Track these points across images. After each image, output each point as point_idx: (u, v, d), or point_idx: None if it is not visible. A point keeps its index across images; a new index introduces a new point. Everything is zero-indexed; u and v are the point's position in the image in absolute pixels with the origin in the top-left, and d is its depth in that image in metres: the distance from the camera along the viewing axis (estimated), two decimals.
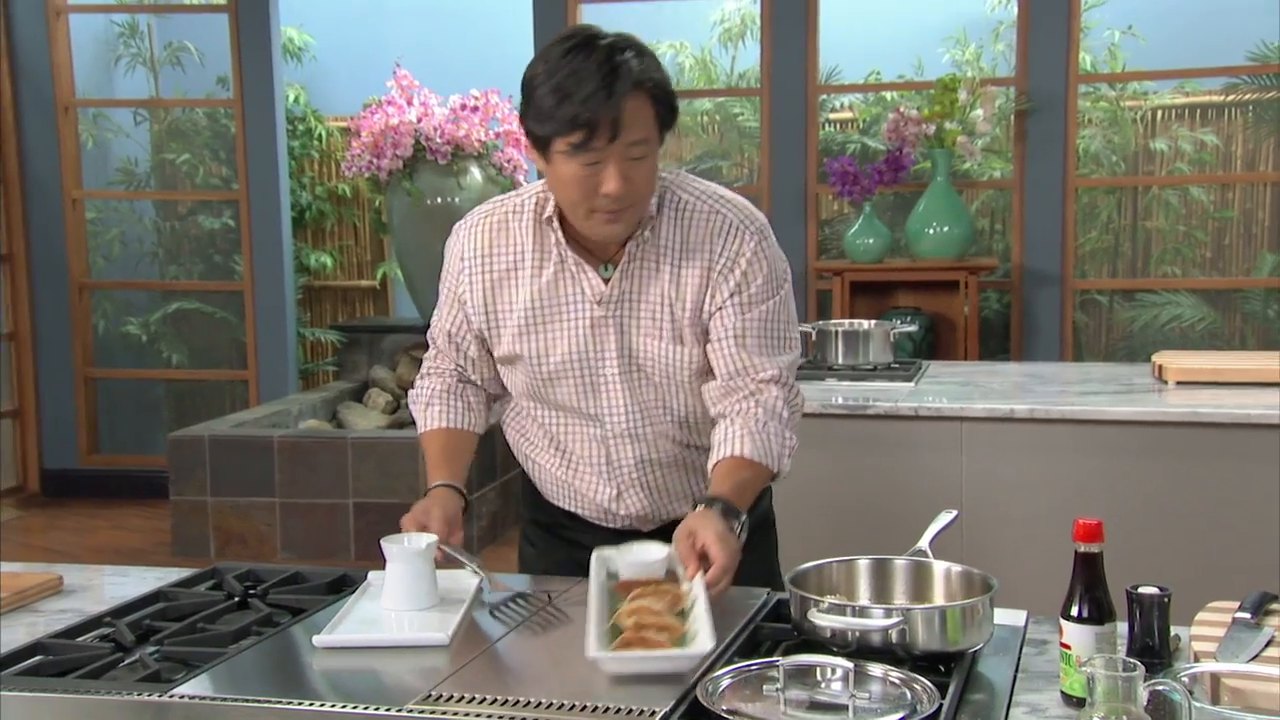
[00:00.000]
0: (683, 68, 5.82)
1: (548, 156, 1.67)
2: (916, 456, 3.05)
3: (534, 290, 1.78)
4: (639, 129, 1.63)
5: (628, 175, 1.64)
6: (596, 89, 1.59)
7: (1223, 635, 1.43)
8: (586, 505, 1.89)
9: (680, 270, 1.75)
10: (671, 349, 1.77)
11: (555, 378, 1.79)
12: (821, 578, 1.54)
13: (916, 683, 1.30)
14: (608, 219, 1.68)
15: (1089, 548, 1.36)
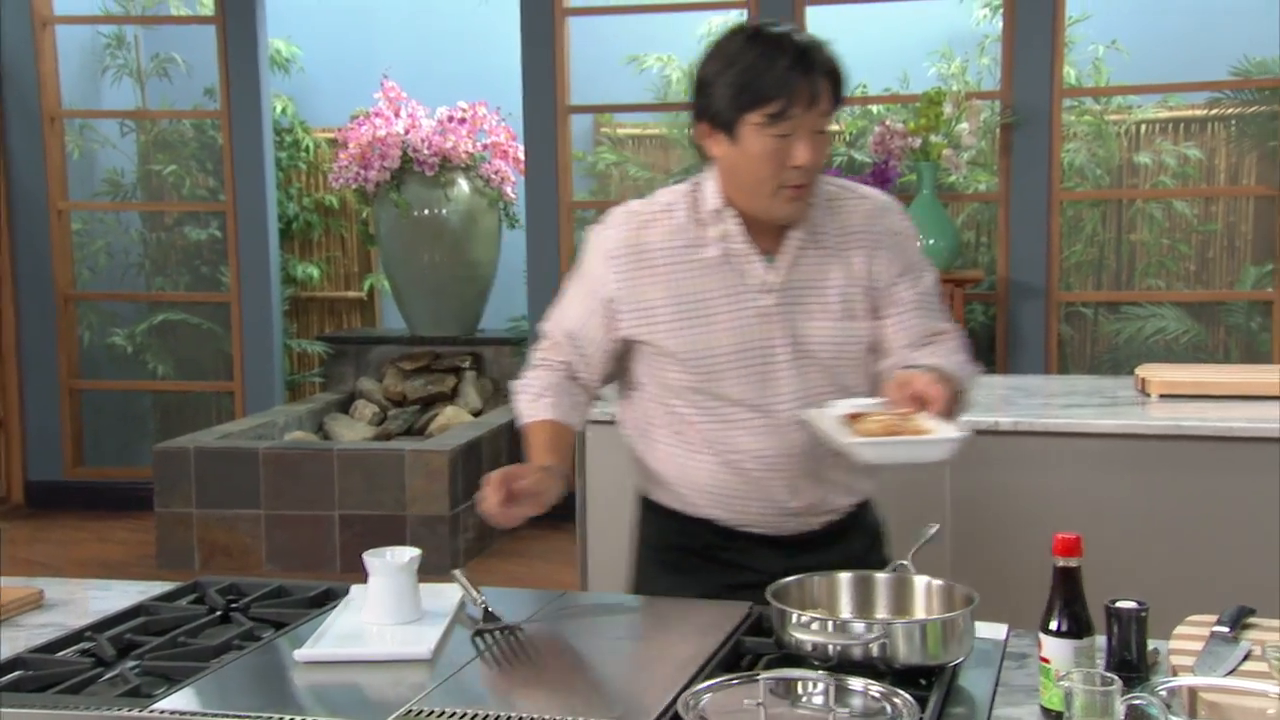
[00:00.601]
0: (670, 80, 5.84)
1: (735, 136, 1.71)
2: (901, 470, 3.05)
3: (695, 283, 1.79)
4: (827, 101, 1.72)
5: (815, 146, 1.71)
6: (793, 62, 1.68)
7: (1201, 649, 1.44)
8: (755, 508, 1.85)
9: (846, 253, 1.83)
10: (844, 327, 1.81)
11: (724, 369, 1.79)
12: (803, 591, 1.55)
13: (897, 696, 1.30)
14: (793, 195, 1.73)
15: (1067, 562, 1.37)
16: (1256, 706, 1.23)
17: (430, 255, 5.92)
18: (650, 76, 5.84)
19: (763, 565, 1.79)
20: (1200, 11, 5.25)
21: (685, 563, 1.92)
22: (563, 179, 5.44)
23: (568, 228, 5.48)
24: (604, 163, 5.99)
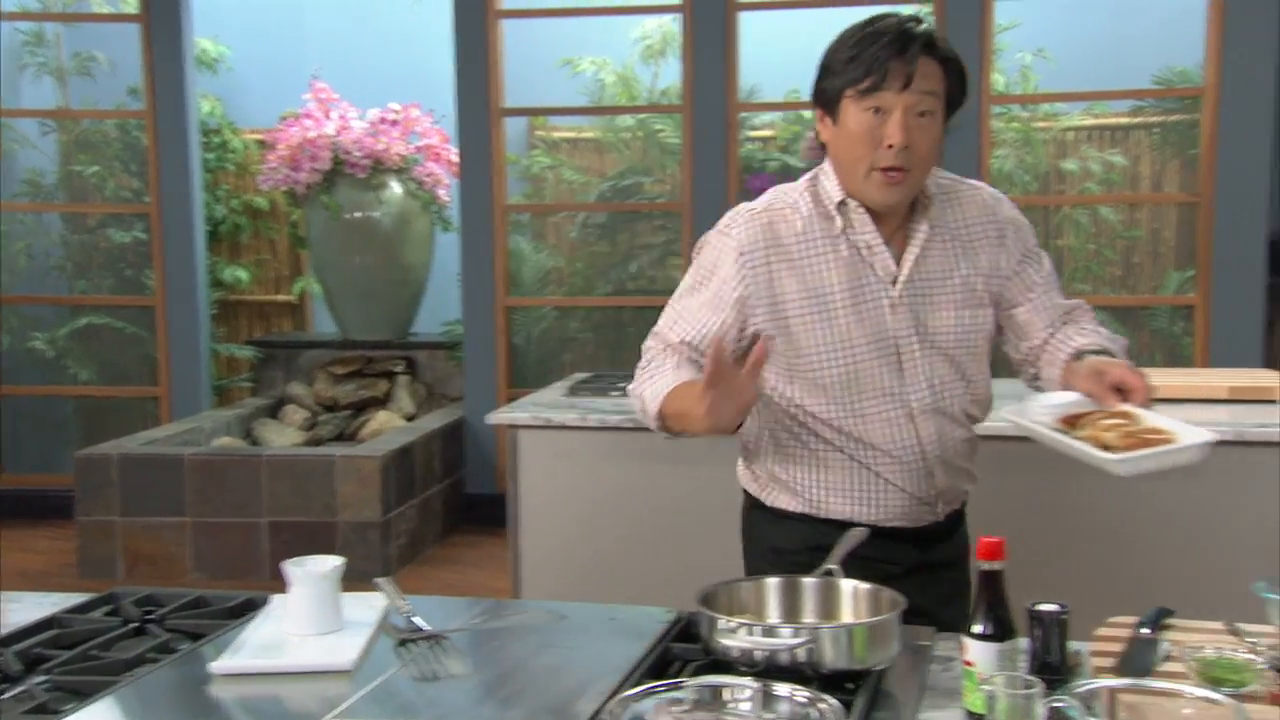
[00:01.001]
0: (604, 84, 5.82)
1: (837, 114, 1.75)
2: None
3: (833, 276, 1.79)
4: (930, 83, 1.72)
5: (912, 134, 1.71)
6: (894, 41, 1.70)
7: (1121, 650, 1.46)
8: (895, 500, 1.84)
9: (971, 244, 1.85)
10: (968, 316, 1.84)
11: (862, 360, 1.79)
12: (731, 597, 1.54)
13: (823, 701, 1.29)
14: (887, 179, 1.73)
15: (990, 565, 1.37)
16: (1174, 707, 1.24)
17: (362, 258, 5.84)
18: (584, 80, 5.82)
19: (899, 559, 1.82)
20: (1124, 21, 5.35)
21: (819, 563, 1.87)
22: (497, 182, 5.40)
23: (502, 231, 5.44)
24: (539, 166, 5.96)
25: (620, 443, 3.21)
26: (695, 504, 3.15)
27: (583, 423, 3.21)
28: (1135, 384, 1.66)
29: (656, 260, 5.82)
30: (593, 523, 3.24)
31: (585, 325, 5.93)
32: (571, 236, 5.94)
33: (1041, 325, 1.89)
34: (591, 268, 5.88)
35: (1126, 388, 1.66)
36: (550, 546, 3.27)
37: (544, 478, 3.27)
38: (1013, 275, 1.88)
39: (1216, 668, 1.34)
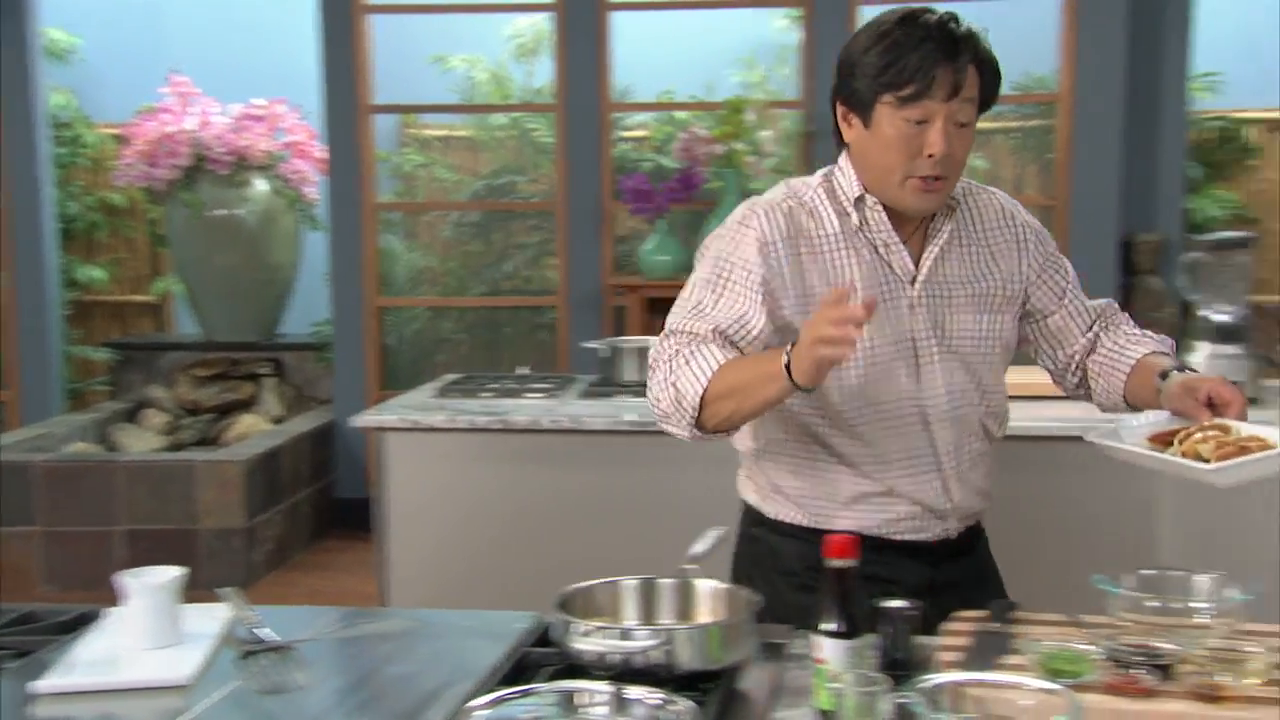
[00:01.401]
0: (476, 82, 5.76)
1: (869, 119, 1.66)
2: (703, 472, 3.08)
3: (856, 272, 1.73)
4: (971, 91, 1.65)
5: (951, 139, 1.64)
6: (940, 45, 1.62)
7: (967, 645, 1.48)
8: (907, 510, 1.77)
9: (985, 247, 1.80)
10: (987, 320, 1.79)
11: (885, 362, 1.73)
12: (588, 600, 1.52)
13: (676, 704, 1.29)
14: (923, 187, 1.67)
15: (841, 563, 1.38)
16: (1015, 699, 1.26)
17: (225, 257, 5.67)
18: (456, 77, 5.75)
19: (907, 578, 1.72)
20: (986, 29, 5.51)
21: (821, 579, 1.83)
22: (366, 180, 5.30)
23: (371, 229, 5.34)
24: (410, 164, 5.87)
25: (490, 445, 3.17)
26: (568, 506, 3.13)
27: (452, 424, 3.16)
28: (1229, 396, 1.62)
29: (531, 260, 5.78)
30: (463, 526, 3.19)
31: (459, 326, 5.86)
32: (445, 236, 5.87)
33: (1079, 331, 1.86)
34: (465, 267, 5.82)
35: (1220, 401, 1.62)
36: (420, 551, 3.22)
37: (412, 481, 3.22)
38: (1038, 282, 1.84)
39: (1056, 659, 1.38)
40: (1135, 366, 1.80)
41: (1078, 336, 1.87)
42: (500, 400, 3.36)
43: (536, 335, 5.72)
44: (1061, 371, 1.90)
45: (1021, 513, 2.88)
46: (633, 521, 3.06)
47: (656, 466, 3.10)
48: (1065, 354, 1.88)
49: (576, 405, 3.28)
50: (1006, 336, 1.83)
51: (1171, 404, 1.67)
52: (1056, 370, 1.91)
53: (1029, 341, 1.90)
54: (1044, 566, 2.81)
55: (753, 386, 1.62)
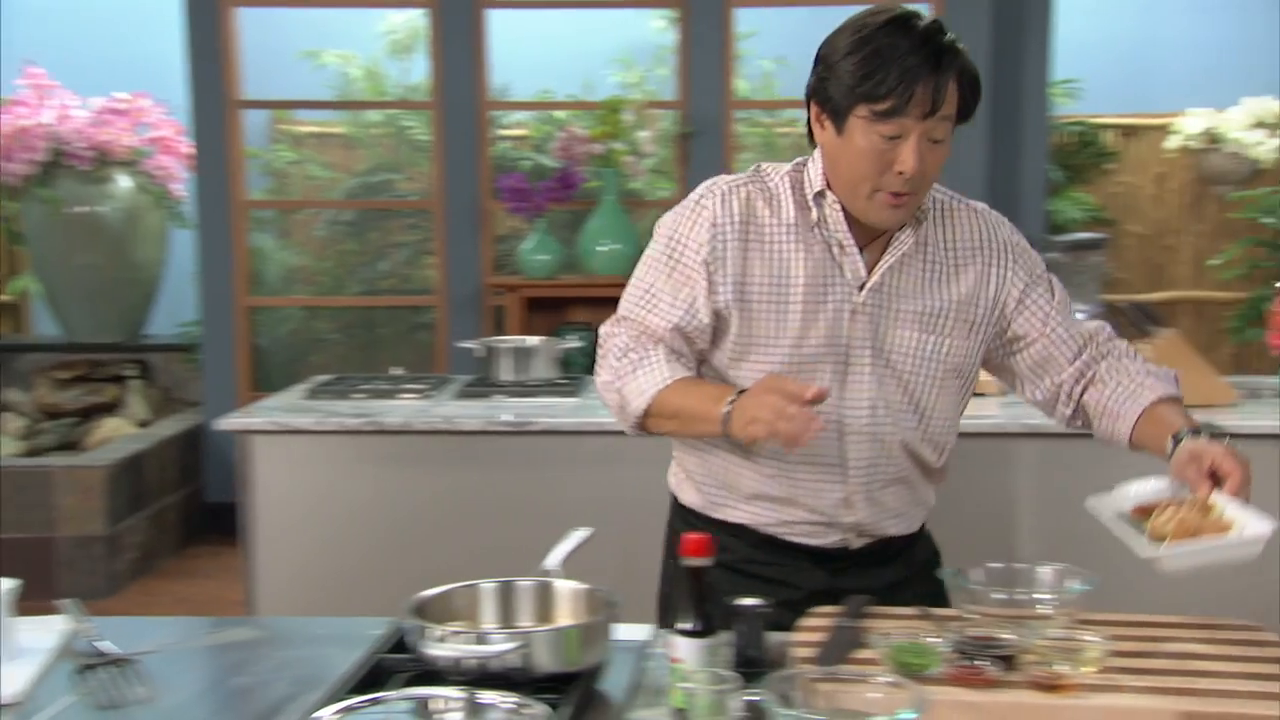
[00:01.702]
0: (351, 78, 5.66)
1: (842, 127, 1.60)
2: (580, 471, 3.08)
3: (801, 268, 1.68)
4: (949, 108, 1.59)
5: (924, 156, 1.59)
6: (924, 60, 1.55)
7: (821, 640, 1.51)
8: (803, 515, 1.75)
9: (950, 265, 1.73)
10: (929, 341, 1.72)
11: (809, 364, 1.69)
12: (445, 604, 1.51)
13: (530, 707, 1.28)
14: (891, 202, 1.62)
15: (696, 562, 1.39)
16: (862, 693, 1.29)
17: (87, 256, 5.46)
18: (329, 73, 5.64)
19: (803, 582, 1.73)
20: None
21: (724, 579, 1.76)
22: (235, 177, 5.16)
23: (241, 228, 5.20)
24: (282, 161, 5.74)
25: (362, 447, 3.12)
26: (442, 509, 3.10)
27: (321, 427, 3.10)
28: (1228, 469, 1.53)
29: (409, 259, 5.71)
30: (334, 531, 3.14)
31: (335, 326, 5.75)
32: (319, 234, 5.75)
33: (1065, 358, 1.76)
34: (340, 266, 5.71)
35: (1221, 473, 1.53)
36: (289, 557, 3.15)
37: (281, 485, 3.15)
38: (1019, 308, 1.75)
39: (904, 653, 1.41)
40: (1145, 414, 1.69)
41: (1064, 365, 1.76)
42: (373, 402, 3.31)
43: (415, 335, 5.64)
44: (1050, 402, 1.79)
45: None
46: (509, 523, 3.03)
47: (532, 467, 3.09)
48: (1052, 382, 1.78)
49: (450, 406, 3.25)
50: (956, 361, 1.75)
51: (1178, 471, 1.58)
52: (1045, 402, 1.80)
53: (1013, 374, 1.81)
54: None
55: (692, 418, 1.63)
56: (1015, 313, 1.76)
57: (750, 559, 1.78)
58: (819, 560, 1.78)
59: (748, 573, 1.77)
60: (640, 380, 1.66)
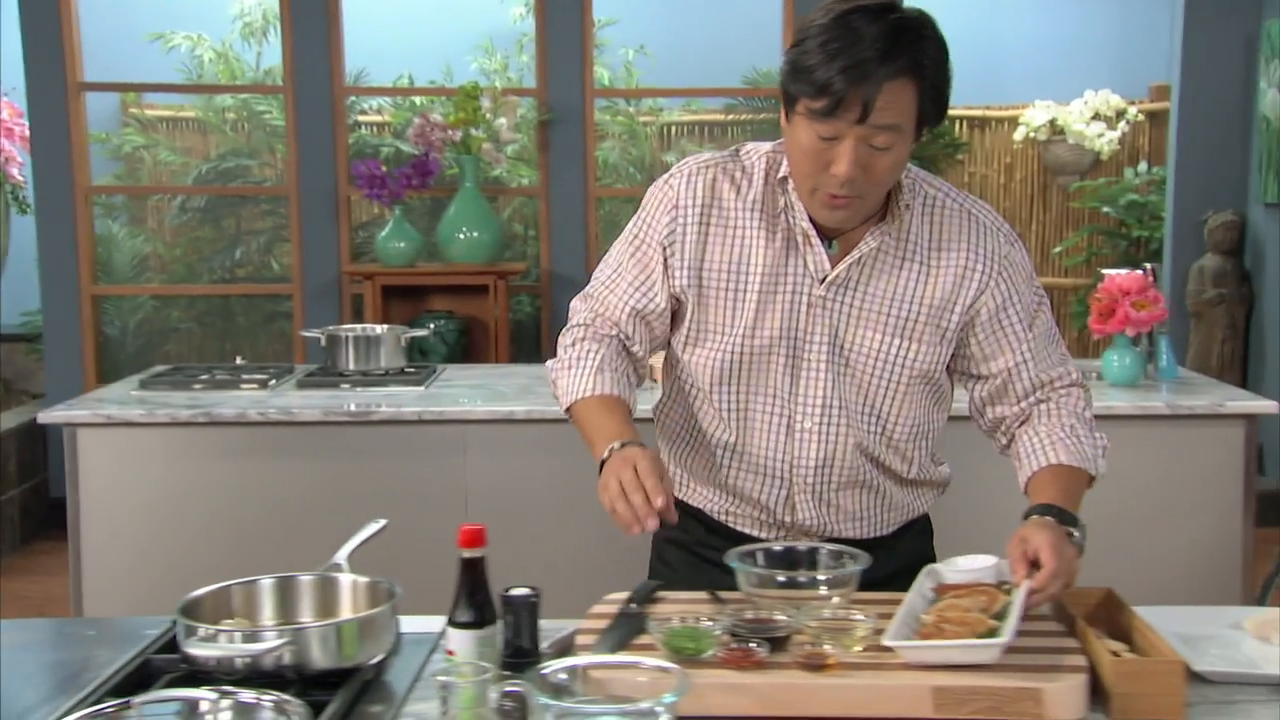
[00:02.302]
0: (202, 61, 5.52)
1: (790, 118, 1.55)
2: (423, 461, 3.06)
3: (761, 255, 1.63)
4: (892, 115, 1.48)
5: (865, 163, 1.51)
6: (861, 61, 1.45)
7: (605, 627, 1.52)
8: (748, 509, 1.73)
9: (928, 266, 1.64)
10: (894, 344, 1.64)
11: (761, 354, 1.65)
12: (221, 601, 1.49)
13: (290, 704, 1.27)
14: (829, 202, 1.56)
15: (471, 553, 1.40)
16: (632, 678, 1.31)
17: None
18: (180, 56, 5.49)
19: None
20: (717, 24, 5.69)
21: (678, 558, 1.79)
22: (78, 162, 4.98)
23: (85, 214, 5.03)
24: (131, 145, 5.57)
25: (195, 439, 3.05)
26: (278, 502, 3.04)
27: (150, 419, 3.03)
28: (1045, 561, 1.46)
29: (265, 246, 5.60)
30: (165, 527, 3.06)
31: (189, 315, 5.61)
32: (174, 222, 5.61)
33: (1017, 395, 1.68)
34: (194, 254, 5.58)
35: (1040, 563, 1.47)
36: (118, 554, 3.07)
37: (108, 480, 3.06)
38: (989, 324, 1.66)
39: (677, 637, 1.43)
40: (1037, 474, 1.64)
41: (1014, 400, 1.69)
42: (210, 393, 3.24)
43: (274, 324, 5.54)
44: (990, 430, 1.75)
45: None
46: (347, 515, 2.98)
47: (373, 458, 3.06)
48: (996, 415, 1.72)
49: (290, 396, 3.20)
50: (924, 368, 1.67)
51: (1008, 549, 1.52)
52: (986, 429, 1.75)
53: (965, 385, 1.74)
54: None
55: (588, 442, 1.63)
56: (983, 330, 1.67)
57: (704, 543, 1.78)
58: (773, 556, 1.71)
59: (703, 556, 1.77)
60: (568, 380, 1.68)
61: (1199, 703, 1.41)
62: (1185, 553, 3.02)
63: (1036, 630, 1.51)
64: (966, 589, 1.55)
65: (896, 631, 1.43)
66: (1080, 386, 1.71)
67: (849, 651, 1.43)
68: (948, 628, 1.43)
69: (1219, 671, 1.47)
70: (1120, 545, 3.04)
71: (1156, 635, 1.47)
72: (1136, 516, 3.03)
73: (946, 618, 1.45)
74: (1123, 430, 3.00)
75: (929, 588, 1.58)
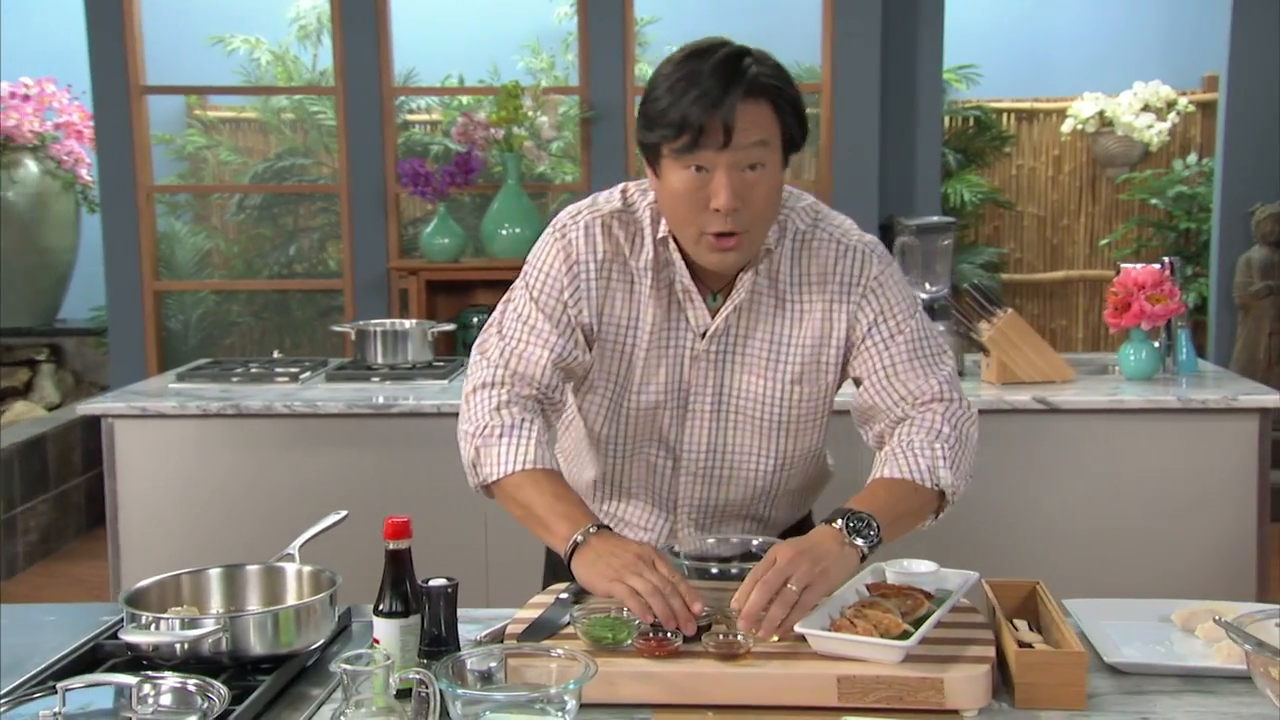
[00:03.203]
0: (260, 63, 5.69)
1: (658, 169, 1.56)
2: (442, 453, 3.12)
3: (649, 312, 1.65)
4: (756, 133, 1.52)
5: (740, 191, 1.52)
6: (709, 89, 1.49)
7: (534, 618, 1.58)
8: (630, 531, 1.79)
9: (801, 305, 1.66)
10: (778, 388, 1.67)
11: (649, 408, 1.68)
12: (169, 590, 1.57)
13: (212, 689, 1.34)
14: (717, 244, 1.56)
15: (396, 544, 1.46)
16: (547, 666, 1.36)
17: None
18: (240, 59, 5.67)
19: None
20: (757, 20, 5.68)
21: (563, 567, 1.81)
22: (140, 162, 5.19)
23: (147, 213, 5.24)
24: (193, 145, 5.77)
25: (223, 431, 3.17)
26: (303, 491, 3.14)
27: (182, 411, 3.15)
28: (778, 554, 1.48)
29: (319, 243, 5.76)
30: (195, 514, 3.20)
31: (248, 309, 5.80)
32: (237, 219, 5.80)
33: (881, 409, 1.68)
34: (252, 250, 5.76)
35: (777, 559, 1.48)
36: (153, 540, 3.21)
37: (143, 469, 3.20)
38: (860, 343, 1.67)
39: (597, 627, 1.48)
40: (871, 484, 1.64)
41: (881, 418, 1.70)
42: (243, 386, 3.36)
43: (328, 318, 5.70)
44: (876, 445, 1.74)
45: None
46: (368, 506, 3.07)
47: (395, 449, 3.14)
48: (874, 431, 1.72)
49: (318, 389, 3.31)
50: (811, 405, 1.70)
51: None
52: (871, 444, 1.75)
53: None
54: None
55: (539, 522, 1.58)
56: (855, 349, 1.68)
57: None
58: None
59: None
60: (503, 450, 1.60)
61: (1108, 693, 1.44)
62: (1198, 547, 2.99)
63: (957, 622, 1.54)
64: (896, 590, 1.58)
65: (813, 620, 1.47)
66: (942, 401, 1.67)
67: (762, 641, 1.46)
68: (860, 624, 1.47)
69: (1129, 663, 1.50)
70: (1133, 539, 3.02)
71: (1068, 628, 1.50)
72: (1149, 510, 3.01)
73: (865, 614, 1.49)
74: (1135, 424, 2.99)
75: (865, 584, 1.62)
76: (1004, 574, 1.69)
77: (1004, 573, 1.72)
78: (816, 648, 1.45)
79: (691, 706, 1.41)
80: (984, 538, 3.00)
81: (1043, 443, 3.03)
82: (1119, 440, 3.01)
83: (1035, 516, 3.04)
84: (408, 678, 1.28)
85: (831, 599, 1.53)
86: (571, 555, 1.54)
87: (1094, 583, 2.88)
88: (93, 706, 1.32)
